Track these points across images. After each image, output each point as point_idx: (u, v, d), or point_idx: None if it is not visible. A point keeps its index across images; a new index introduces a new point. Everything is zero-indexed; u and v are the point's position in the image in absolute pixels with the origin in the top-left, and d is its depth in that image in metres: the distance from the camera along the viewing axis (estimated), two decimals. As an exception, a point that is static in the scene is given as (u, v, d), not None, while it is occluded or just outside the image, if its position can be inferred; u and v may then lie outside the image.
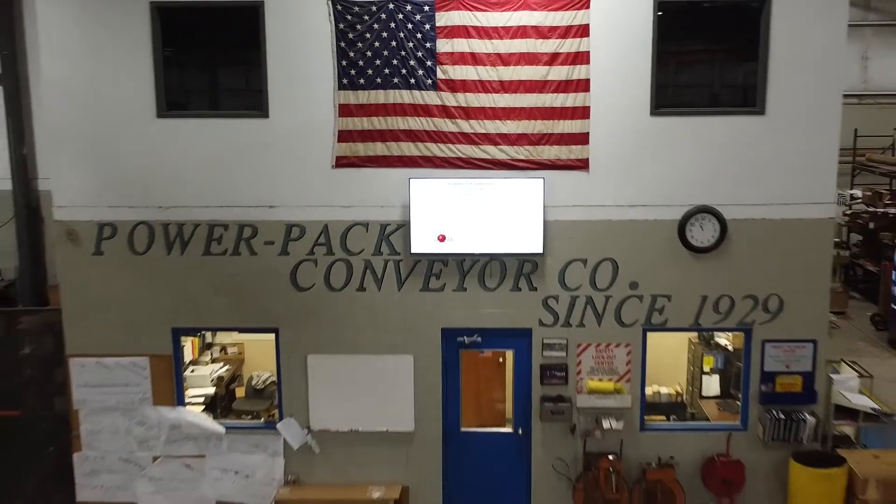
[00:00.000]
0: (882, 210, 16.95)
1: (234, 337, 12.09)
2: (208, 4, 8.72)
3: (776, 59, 8.51)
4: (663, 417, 9.80)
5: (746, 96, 8.73)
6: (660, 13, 8.47)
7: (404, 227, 8.88)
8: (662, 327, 9.10)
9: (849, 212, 18.34)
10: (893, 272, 15.01)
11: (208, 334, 11.70)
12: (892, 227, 16.68)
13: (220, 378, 11.07)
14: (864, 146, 19.51)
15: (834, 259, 18.30)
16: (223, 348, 11.98)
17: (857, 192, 18.13)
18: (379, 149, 8.80)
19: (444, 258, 8.96)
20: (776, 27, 8.46)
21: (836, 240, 18.81)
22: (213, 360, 11.63)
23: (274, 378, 10.77)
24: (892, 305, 15.05)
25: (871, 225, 17.26)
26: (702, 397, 10.48)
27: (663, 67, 8.63)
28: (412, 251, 8.86)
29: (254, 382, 11.12)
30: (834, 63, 8.53)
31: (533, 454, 9.30)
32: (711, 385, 10.47)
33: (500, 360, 9.80)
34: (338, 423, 9.30)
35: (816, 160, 8.67)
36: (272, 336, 9.35)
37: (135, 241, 9.07)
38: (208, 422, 9.40)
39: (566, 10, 8.40)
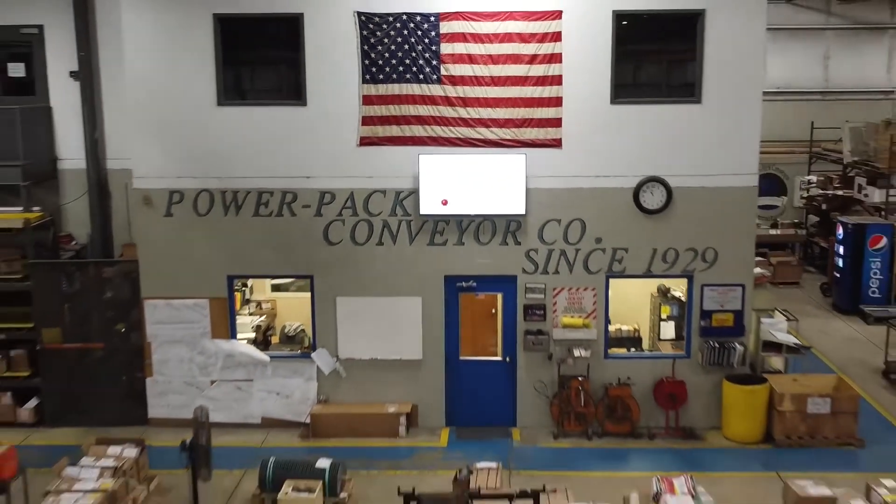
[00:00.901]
0: (832, 193, 19.15)
1: (268, 294, 14.32)
2: (258, 16, 10.93)
3: (710, 60, 10.74)
4: (624, 349, 12.02)
5: (687, 89, 10.94)
6: (618, 23, 10.68)
7: (414, 193, 11.08)
8: (621, 274, 11.33)
9: (806, 195, 20.54)
10: (836, 246, 17.22)
11: (248, 291, 13.93)
12: (841, 208, 18.87)
13: (258, 326, 13.29)
14: (822, 138, 21.70)
15: (792, 237, 20.68)
16: (259, 304, 14.19)
17: (813, 178, 20.32)
18: (394, 131, 11.01)
19: (446, 218, 11.17)
20: (710, 35, 10.68)
21: (796, 220, 21.12)
22: (251, 314, 13.85)
23: (302, 326, 13.06)
24: (836, 274, 17.26)
25: (824, 206, 19.45)
26: (660, 339, 12.72)
27: (621, 66, 10.85)
28: (421, 213, 11.08)
29: (286, 330, 13.34)
30: (755, 64, 10.77)
31: (518, 377, 11.53)
32: (668, 330, 12.68)
33: (493, 311, 12.02)
34: (360, 353, 11.53)
35: (742, 140, 10.89)
36: (300, 294, 11.54)
37: (198, 205, 11.29)
38: (256, 352, 11.60)
39: (543, 20, 10.62)
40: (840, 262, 16.94)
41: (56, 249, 12.54)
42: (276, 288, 14.28)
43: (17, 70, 13.54)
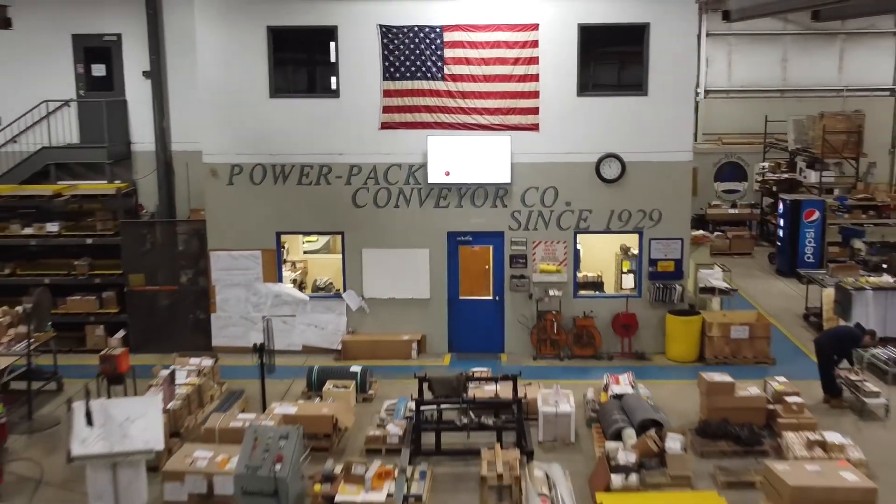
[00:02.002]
0: (780, 176, 22.21)
1: (301, 256, 17.37)
2: (302, 28, 13.99)
3: (653, 62, 13.80)
4: (590, 291, 15.08)
5: (636, 84, 14.00)
6: (582, 33, 13.74)
7: (423, 166, 14.13)
8: (586, 231, 14.39)
9: (761, 179, 23.58)
10: (778, 220, 20.28)
11: (285, 252, 16.98)
12: (787, 189, 21.90)
13: (294, 280, 16.33)
14: (776, 130, 24.73)
15: (748, 216, 23.70)
16: (294, 263, 17.23)
17: (766, 165, 23.38)
18: (408, 117, 14.07)
19: (448, 186, 14.23)
20: (653, 43, 13.74)
21: (752, 202, 24.18)
22: (288, 271, 16.89)
23: (330, 279, 16.10)
24: (778, 244, 20.33)
25: (774, 188, 22.50)
26: (622, 288, 15.77)
27: (584, 66, 13.91)
28: (428, 182, 14.14)
29: (317, 282, 16.38)
30: (688, 66, 13.86)
31: (505, 312, 14.59)
32: (628, 281, 15.74)
33: (487, 266, 15.06)
34: (381, 293, 14.58)
35: (678, 125, 13.97)
36: (326, 255, 14.56)
37: (253, 176, 14.35)
38: (298, 293, 14.57)
39: (523, 31, 13.69)
40: (781, 233, 20.01)
41: (136, 214, 15.60)
42: (306, 252, 17.40)
43: (99, 70, 16.64)
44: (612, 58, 14.34)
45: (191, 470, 9.47)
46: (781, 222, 19.96)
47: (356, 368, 12.78)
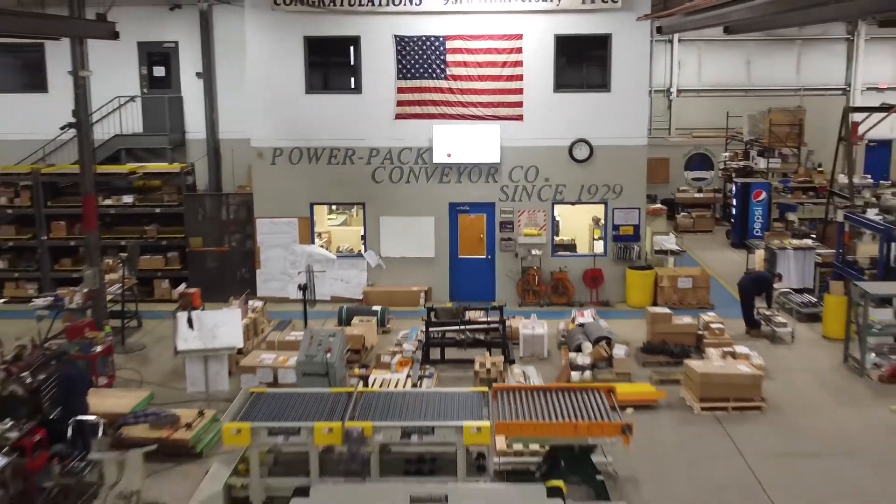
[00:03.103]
0: (737, 164, 25.54)
1: (326, 228, 20.69)
2: (332, 37, 17.33)
3: (615, 65, 17.14)
4: (565, 251, 18.42)
5: (602, 83, 17.34)
6: (557, 41, 17.08)
7: (429, 149, 17.47)
8: (562, 202, 17.74)
9: (723, 167, 26.90)
10: (732, 199, 23.63)
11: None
12: (744, 175, 25.17)
13: (321, 245, 19.66)
14: (737, 125, 28.03)
15: (711, 199, 27.00)
16: (320, 234, 20.53)
17: (727, 154, 26.70)
18: (417, 110, 17.40)
19: (450, 165, 17.56)
20: (614, 49, 17.07)
21: (716, 188, 27.52)
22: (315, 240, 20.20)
23: (350, 245, 19.44)
24: (731, 220, 23.67)
25: (733, 175, 25.80)
26: (591, 250, 19.11)
27: (559, 68, 17.26)
28: (433, 162, 17.48)
29: (340, 249, 19.71)
30: (641, 68, 17.21)
31: (496, 268, 17.95)
32: (598, 246, 19.04)
33: (481, 236, 18.39)
34: (395, 252, 17.92)
35: (636, 116, 17.32)
36: (346, 227, 17.94)
37: (291, 157, 17.69)
38: (327, 253, 17.96)
39: (510, 40, 17.03)
40: (734, 211, 23.35)
41: (194, 189, 18.96)
42: (330, 225, 20.74)
43: (159, 71, 19.98)
44: (581, 61, 17.65)
45: (260, 366, 12.83)
46: (735, 202, 23.30)
47: (377, 308, 16.14)
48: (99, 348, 13.11)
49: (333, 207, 19.83)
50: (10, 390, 10.18)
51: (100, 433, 9.77)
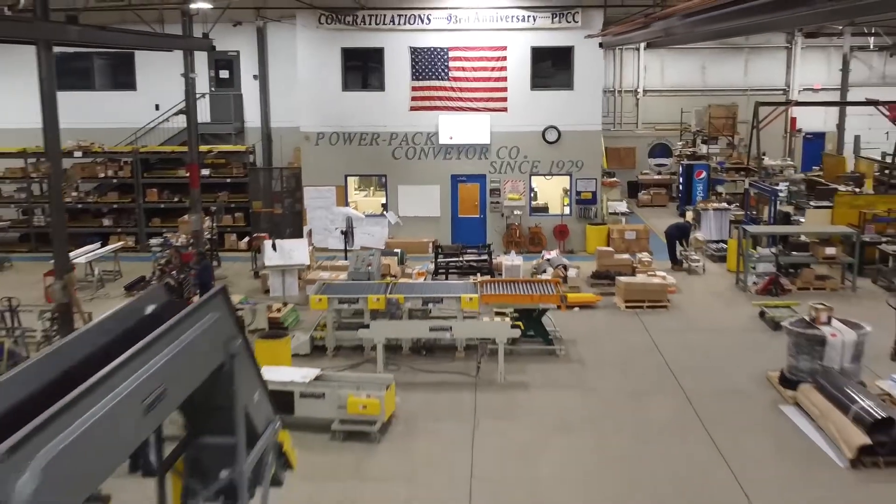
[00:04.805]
0: (688, 151, 31.05)
1: (353, 197, 26.21)
2: (362, 48, 22.85)
3: (577, 69, 22.66)
4: (540, 213, 23.92)
5: (567, 83, 22.86)
6: (533, 51, 22.59)
7: (436, 133, 22.98)
8: (537, 174, 23.27)
9: (678, 154, 32.37)
10: (679, 177, 29.14)
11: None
12: (691, 160, 30.65)
13: (353, 207, 25.16)
14: (690, 119, 33.52)
15: (667, 181, 32.42)
16: (347, 203, 26.07)
17: (681, 143, 32.20)
18: (426, 104, 22.92)
19: (452, 146, 23.08)
20: (576, 57, 22.60)
21: (673, 171, 33.05)
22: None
23: (373, 210, 24.96)
24: (679, 194, 29.21)
25: (685, 161, 31.28)
26: (561, 211, 24.63)
27: (535, 71, 22.77)
28: (439, 143, 22.99)
29: (365, 213, 25.22)
30: (595, 72, 22.74)
31: (487, 224, 23.47)
32: (566, 210, 24.58)
33: (475, 203, 23.90)
34: (410, 212, 23.42)
35: (592, 107, 22.84)
36: (369, 198, 23.51)
37: (331, 140, 23.22)
38: (358, 213, 23.44)
39: (497, 51, 22.56)
40: (681, 187, 28.87)
41: (255, 165, 24.48)
42: (357, 195, 26.26)
43: (224, 74, 25.50)
44: (552, 67, 23.17)
45: (319, 279, 18.34)
46: (681, 179, 28.82)
47: (398, 250, 21.66)
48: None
49: (358, 185, 25.35)
50: (165, 282, 15.72)
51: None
